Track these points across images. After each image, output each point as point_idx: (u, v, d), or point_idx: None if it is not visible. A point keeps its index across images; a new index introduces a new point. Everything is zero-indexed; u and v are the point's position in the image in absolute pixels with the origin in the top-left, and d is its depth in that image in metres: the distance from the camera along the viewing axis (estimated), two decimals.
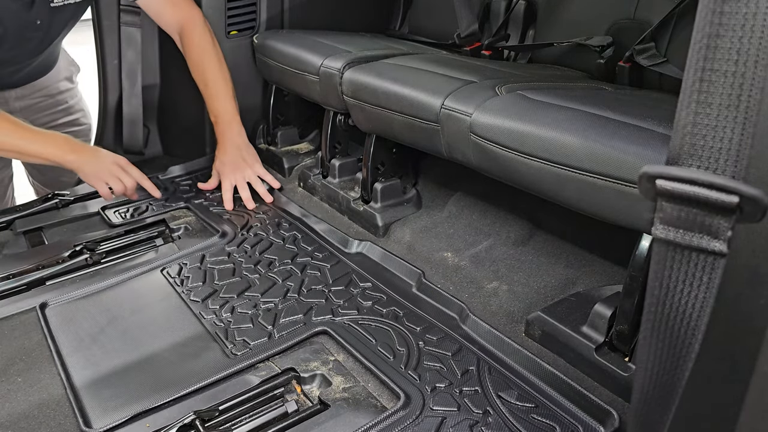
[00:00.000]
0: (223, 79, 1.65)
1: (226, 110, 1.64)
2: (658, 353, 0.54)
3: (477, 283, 1.28)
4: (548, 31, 1.71)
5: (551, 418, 0.93)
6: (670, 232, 0.48)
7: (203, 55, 1.64)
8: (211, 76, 1.64)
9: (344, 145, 1.68)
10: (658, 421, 0.58)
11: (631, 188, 0.88)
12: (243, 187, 1.65)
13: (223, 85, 1.64)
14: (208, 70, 1.64)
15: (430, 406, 0.95)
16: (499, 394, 0.98)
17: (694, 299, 0.49)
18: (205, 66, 1.64)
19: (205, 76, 1.64)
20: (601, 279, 1.22)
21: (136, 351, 1.09)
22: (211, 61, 1.64)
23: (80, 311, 1.20)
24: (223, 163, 1.65)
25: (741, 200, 0.44)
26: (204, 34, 1.65)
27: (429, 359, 1.06)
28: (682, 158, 0.50)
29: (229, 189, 1.63)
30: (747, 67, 0.47)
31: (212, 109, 1.65)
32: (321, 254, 1.39)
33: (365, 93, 1.40)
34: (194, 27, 1.65)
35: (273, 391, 0.99)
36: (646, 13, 1.46)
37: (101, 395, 0.99)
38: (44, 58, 1.69)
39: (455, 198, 1.54)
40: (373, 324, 1.15)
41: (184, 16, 1.66)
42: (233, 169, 1.65)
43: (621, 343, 1.01)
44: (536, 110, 1.05)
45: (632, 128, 0.93)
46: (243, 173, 1.65)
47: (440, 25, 1.95)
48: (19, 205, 1.65)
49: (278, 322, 1.16)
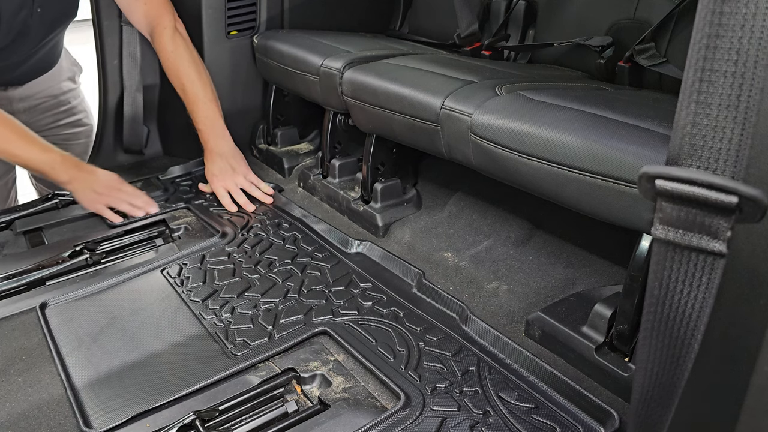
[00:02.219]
0: (201, 82, 1.62)
1: (207, 116, 1.61)
2: (658, 353, 0.54)
3: (477, 283, 1.28)
4: (548, 31, 1.71)
5: (551, 419, 0.93)
6: (669, 232, 0.48)
7: (176, 60, 1.61)
8: (187, 80, 1.61)
9: (344, 145, 1.68)
10: (658, 421, 0.58)
11: (631, 188, 0.88)
12: (237, 193, 1.62)
13: (201, 89, 1.61)
14: (183, 74, 1.61)
15: (430, 406, 0.95)
16: (500, 394, 0.98)
17: (694, 299, 0.49)
18: (179, 71, 1.61)
19: (181, 81, 1.61)
20: (601, 279, 1.22)
21: (136, 351, 1.09)
22: (184, 65, 1.61)
23: (80, 311, 1.20)
24: (213, 173, 1.64)
25: (740, 200, 0.44)
26: (174, 37, 1.62)
27: (429, 360, 1.06)
28: (682, 158, 0.50)
29: (225, 195, 1.62)
30: (747, 68, 0.47)
31: (193, 116, 1.62)
32: (321, 254, 1.39)
33: (365, 93, 1.40)
34: (164, 29, 1.63)
35: (273, 391, 0.99)
36: (646, 14, 1.46)
37: (101, 395, 0.99)
38: (45, 53, 1.69)
39: (455, 198, 1.54)
40: (374, 324, 1.15)
41: (154, 17, 1.63)
42: (223, 178, 1.63)
43: (621, 343, 1.01)
44: (536, 110, 1.05)
45: (632, 128, 0.93)
46: (234, 180, 1.64)
47: (440, 25, 1.95)
48: (19, 205, 1.65)
49: (278, 323, 1.16)
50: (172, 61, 1.62)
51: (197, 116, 1.62)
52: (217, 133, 1.63)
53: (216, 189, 1.63)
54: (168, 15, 1.65)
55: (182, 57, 1.62)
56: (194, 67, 1.62)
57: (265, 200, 1.64)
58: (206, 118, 1.62)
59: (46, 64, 1.75)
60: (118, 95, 1.85)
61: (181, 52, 1.62)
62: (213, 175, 1.64)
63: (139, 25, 1.69)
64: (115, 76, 1.83)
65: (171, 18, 1.65)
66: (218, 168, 1.63)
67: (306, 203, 1.67)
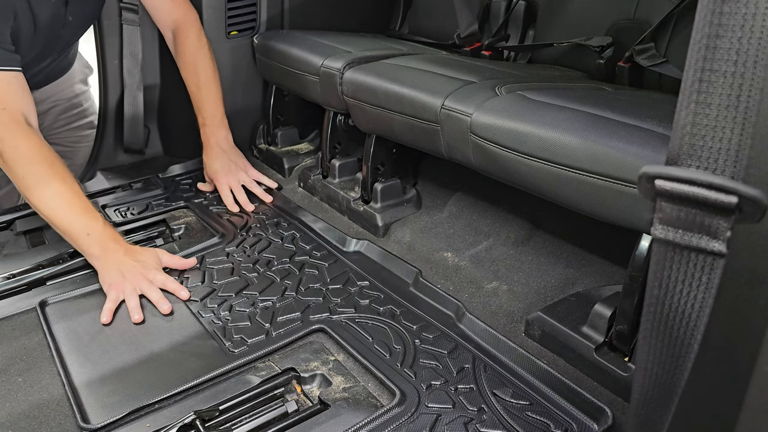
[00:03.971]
0: (215, 83, 1.64)
1: (215, 115, 1.63)
2: (658, 353, 0.54)
3: (477, 283, 1.28)
4: (548, 31, 1.71)
5: (545, 416, 0.94)
6: (669, 232, 0.48)
7: (197, 58, 1.63)
8: (204, 79, 1.62)
9: (344, 145, 1.68)
10: (657, 420, 0.58)
11: (631, 188, 0.88)
12: (239, 190, 1.63)
13: (215, 89, 1.63)
14: (201, 73, 1.62)
15: (425, 403, 0.96)
16: (494, 391, 0.99)
17: (694, 299, 0.49)
18: (198, 68, 1.62)
19: (197, 79, 1.62)
20: (601, 279, 1.22)
21: (135, 349, 1.09)
22: (204, 64, 1.63)
23: (80, 311, 1.20)
24: (215, 170, 1.64)
25: (740, 200, 0.44)
26: (200, 37, 1.64)
27: (425, 357, 1.06)
28: (682, 158, 0.50)
29: (228, 194, 1.62)
30: (746, 68, 0.47)
31: (201, 112, 1.63)
32: (319, 253, 1.39)
33: (365, 93, 1.40)
34: (190, 27, 1.64)
35: (273, 391, 0.99)
36: (646, 14, 1.46)
37: (99, 392, 0.99)
38: (64, 57, 1.69)
39: (455, 198, 1.54)
40: (370, 322, 1.15)
41: (181, 15, 1.65)
42: (226, 173, 1.64)
43: (621, 343, 1.01)
44: (536, 110, 1.05)
45: (632, 128, 0.93)
46: (237, 176, 1.65)
47: (440, 25, 1.95)
48: (20, 205, 1.65)
49: (276, 320, 1.16)
50: (191, 55, 1.62)
51: (205, 113, 1.62)
52: (221, 132, 1.64)
53: (220, 186, 1.63)
54: (195, 14, 1.67)
55: (205, 56, 1.63)
56: (212, 69, 1.64)
57: (265, 199, 1.64)
58: (213, 117, 1.63)
59: (64, 67, 1.76)
60: (119, 95, 1.85)
61: (206, 51, 1.64)
62: (215, 171, 1.64)
63: (162, 21, 1.68)
64: (116, 76, 1.83)
65: (197, 18, 1.67)
66: (220, 164, 1.63)
67: (306, 203, 1.67)
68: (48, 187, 1.24)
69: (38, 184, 1.24)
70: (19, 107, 1.28)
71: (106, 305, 1.19)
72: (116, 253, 1.25)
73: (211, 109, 1.62)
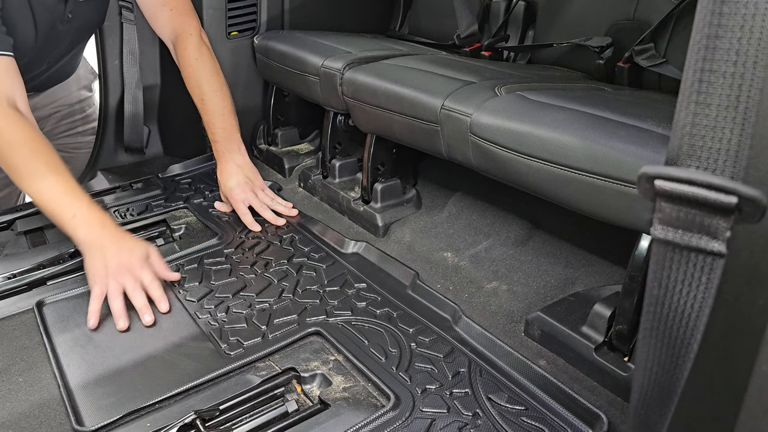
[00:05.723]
0: (221, 92, 1.56)
1: (224, 128, 1.54)
2: (658, 353, 0.54)
3: (476, 283, 1.28)
4: (548, 31, 1.71)
5: (540, 421, 0.93)
6: (669, 232, 0.48)
7: (197, 69, 1.56)
8: (207, 90, 1.55)
9: (344, 146, 1.68)
10: (657, 421, 0.58)
11: (630, 188, 0.88)
12: (262, 207, 1.53)
13: (220, 99, 1.55)
14: (204, 84, 1.55)
15: (419, 407, 0.95)
16: (490, 396, 0.98)
17: (693, 299, 0.50)
18: (200, 80, 1.55)
19: (201, 91, 1.55)
20: (601, 279, 1.22)
21: (131, 350, 1.09)
22: (206, 75, 1.55)
23: (77, 310, 1.20)
24: (231, 189, 1.53)
25: (740, 201, 0.44)
26: (199, 46, 1.58)
27: (421, 361, 1.06)
28: (681, 159, 0.50)
29: (247, 212, 1.52)
30: (746, 68, 0.47)
31: (209, 127, 1.55)
32: (317, 255, 1.39)
33: (365, 93, 1.40)
34: (188, 37, 1.58)
35: (273, 390, 0.99)
36: (646, 14, 1.46)
37: (94, 393, 0.99)
38: (67, 61, 1.68)
39: (455, 198, 1.54)
40: (367, 325, 1.15)
41: (179, 25, 1.59)
42: (243, 191, 1.53)
43: (620, 343, 1.01)
44: (536, 111, 1.05)
45: (631, 129, 0.94)
46: (255, 193, 1.55)
47: (440, 25, 1.95)
48: (20, 205, 1.66)
49: (272, 322, 1.16)
50: (194, 68, 1.56)
51: (214, 128, 1.54)
52: (233, 147, 1.55)
53: (237, 205, 1.52)
54: (194, 22, 1.61)
55: (206, 66, 1.56)
56: (216, 77, 1.57)
57: (291, 214, 1.56)
58: (224, 131, 1.54)
59: (67, 72, 1.75)
60: (119, 95, 1.85)
61: (206, 60, 1.57)
62: (230, 189, 1.53)
63: (162, 31, 1.64)
64: (116, 77, 1.83)
65: (197, 25, 1.61)
66: (235, 181, 1.53)
67: (306, 203, 1.67)
68: (33, 170, 1.21)
69: (22, 166, 1.21)
70: (3, 90, 1.25)
71: (91, 306, 1.15)
72: (102, 239, 1.18)
73: (219, 122, 1.54)
